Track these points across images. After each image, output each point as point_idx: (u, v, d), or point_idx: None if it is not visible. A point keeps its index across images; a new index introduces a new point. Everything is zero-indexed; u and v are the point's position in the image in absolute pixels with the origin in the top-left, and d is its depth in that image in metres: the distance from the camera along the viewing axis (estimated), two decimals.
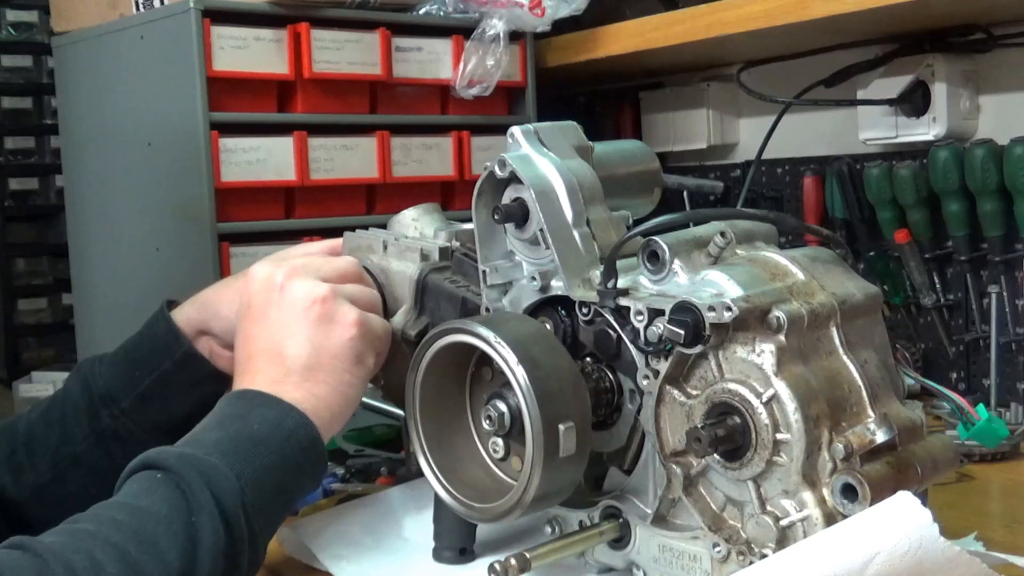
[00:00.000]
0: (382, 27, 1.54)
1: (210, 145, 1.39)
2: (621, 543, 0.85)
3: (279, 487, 0.80)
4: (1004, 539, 0.93)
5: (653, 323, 0.78)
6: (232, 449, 0.78)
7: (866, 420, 0.76)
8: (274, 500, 0.80)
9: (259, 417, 0.81)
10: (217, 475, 0.75)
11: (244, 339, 0.90)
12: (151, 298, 1.04)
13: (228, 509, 0.75)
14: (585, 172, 0.88)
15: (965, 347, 1.48)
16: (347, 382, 0.88)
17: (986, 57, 1.49)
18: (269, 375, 0.86)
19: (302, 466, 0.82)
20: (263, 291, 0.90)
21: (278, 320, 0.89)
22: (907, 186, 1.46)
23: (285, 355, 0.87)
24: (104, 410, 0.98)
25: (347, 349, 0.88)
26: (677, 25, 1.55)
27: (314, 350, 0.87)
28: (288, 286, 0.90)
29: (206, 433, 0.81)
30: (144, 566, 0.69)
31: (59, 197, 2.04)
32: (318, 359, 0.87)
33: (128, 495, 0.75)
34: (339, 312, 0.89)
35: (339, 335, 0.88)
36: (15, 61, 2.35)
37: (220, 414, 0.83)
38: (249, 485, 0.77)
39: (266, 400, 0.83)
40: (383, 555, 0.96)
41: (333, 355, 0.88)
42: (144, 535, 0.71)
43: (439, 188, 1.64)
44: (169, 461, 0.76)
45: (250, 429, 0.80)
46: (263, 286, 0.91)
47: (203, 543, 0.72)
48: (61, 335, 2.25)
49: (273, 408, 0.83)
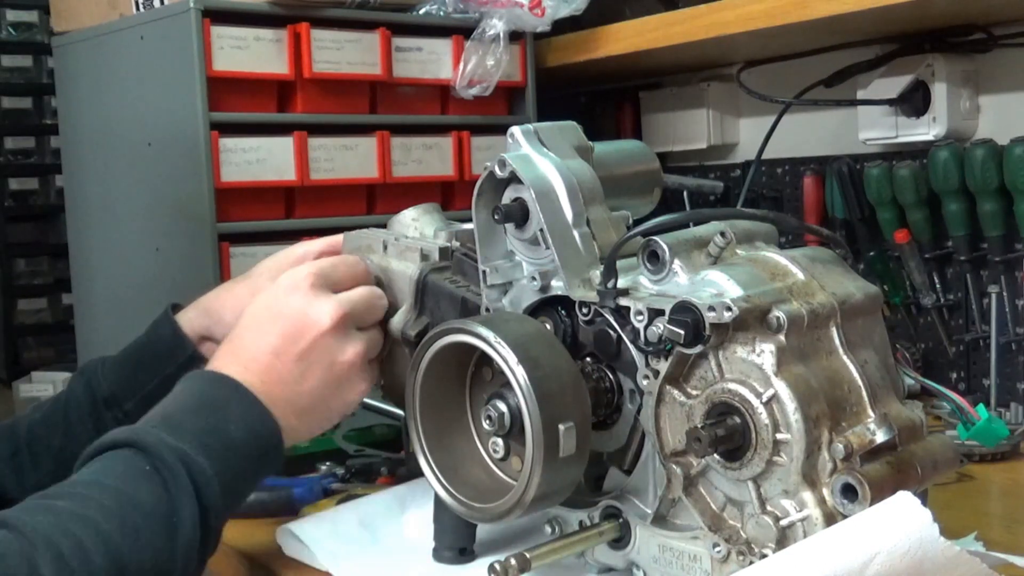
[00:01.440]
0: (382, 27, 1.53)
1: (210, 145, 1.39)
2: (621, 543, 0.85)
3: (246, 490, 0.84)
4: (1004, 539, 0.93)
5: (653, 323, 0.78)
6: (215, 449, 0.79)
7: (866, 420, 0.76)
8: (238, 500, 0.82)
9: (236, 417, 0.82)
10: (203, 477, 0.77)
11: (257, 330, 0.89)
12: (151, 298, 1.05)
13: (209, 511, 0.76)
14: (585, 172, 0.88)
15: (965, 347, 1.48)
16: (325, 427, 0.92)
17: (986, 57, 1.49)
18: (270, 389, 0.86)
19: (264, 471, 0.85)
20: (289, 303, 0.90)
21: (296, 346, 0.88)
22: (907, 186, 1.46)
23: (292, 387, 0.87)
24: (108, 412, 0.98)
25: (350, 406, 0.92)
26: (677, 25, 1.55)
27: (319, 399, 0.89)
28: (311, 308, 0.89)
29: (185, 416, 0.81)
30: (125, 556, 0.70)
31: (59, 197, 2.03)
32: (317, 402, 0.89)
33: (113, 475, 0.76)
34: (356, 376, 0.91)
35: (350, 397, 0.91)
36: (15, 61, 2.35)
37: (201, 396, 0.83)
38: (228, 489, 0.79)
39: (244, 397, 0.84)
40: (383, 555, 0.96)
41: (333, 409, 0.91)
42: (129, 526, 0.72)
43: (439, 188, 1.64)
44: (161, 451, 0.76)
45: (227, 432, 0.81)
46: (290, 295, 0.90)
47: (180, 542, 0.74)
48: (61, 335, 2.25)
49: (250, 408, 0.83)
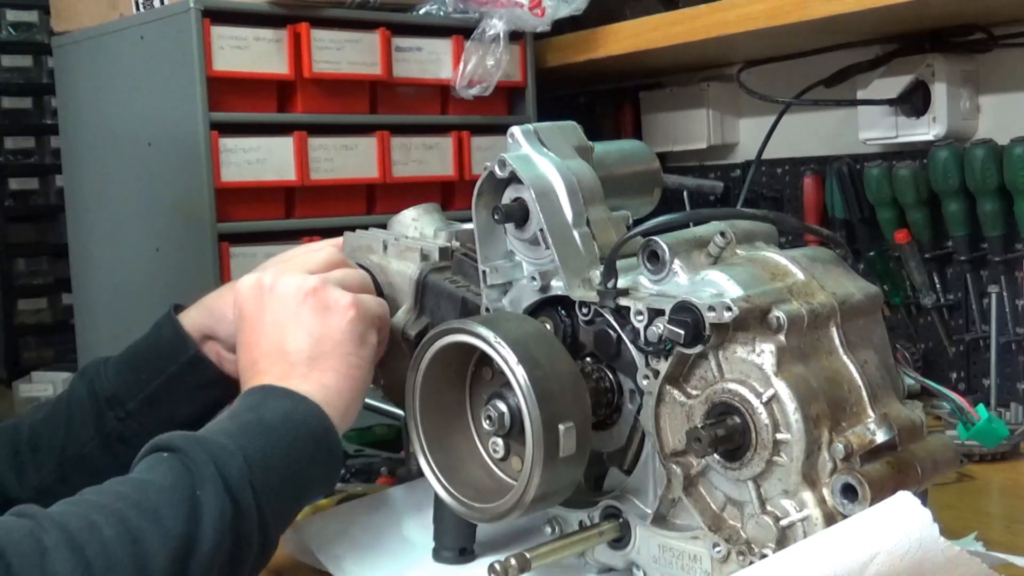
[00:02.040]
0: (382, 27, 1.53)
1: (210, 145, 1.39)
2: (621, 543, 0.85)
3: (290, 471, 0.80)
4: (1004, 539, 0.94)
5: (653, 323, 0.78)
6: (241, 432, 0.78)
7: (866, 420, 0.76)
8: (284, 484, 0.79)
9: (270, 407, 0.82)
10: (223, 452, 0.76)
11: (245, 348, 0.90)
12: (151, 298, 1.05)
13: (234, 485, 0.75)
14: (585, 172, 0.88)
15: (965, 347, 1.48)
16: (354, 364, 0.88)
17: (986, 57, 1.49)
18: (275, 373, 0.86)
19: (313, 455, 0.82)
20: (253, 297, 0.91)
21: (273, 320, 0.89)
22: (907, 186, 1.46)
23: (287, 351, 0.87)
24: (110, 412, 0.98)
25: (347, 332, 0.88)
26: (677, 25, 1.55)
27: (315, 340, 0.87)
28: (276, 285, 0.90)
29: (217, 424, 0.81)
30: (144, 532, 0.70)
31: (59, 197, 2.03)
32: (321, 348, 0.87)
33: (135, 473, 0.76)
34: (332, 298, 0.89)
35: (337, 320, 0.88)
36: (15, 61, 2.35)
37: (232, 410, 0.84)
38: (257, 465, 0.77)
39: (276, 392, 0.84)
40: (383, 555, 0.96)
41: (335, 341, 0.88)
42: (146, 504, 0.71)
43: (439, 188, 1.64)
44: (176, 441, 0.77)
45: (261, 417, 0.81)
46: (252, 292, 0.91)
47: (207, 515, 0.72)
48: (61, 335, 2.25)
49: (285, 399, 0.83)
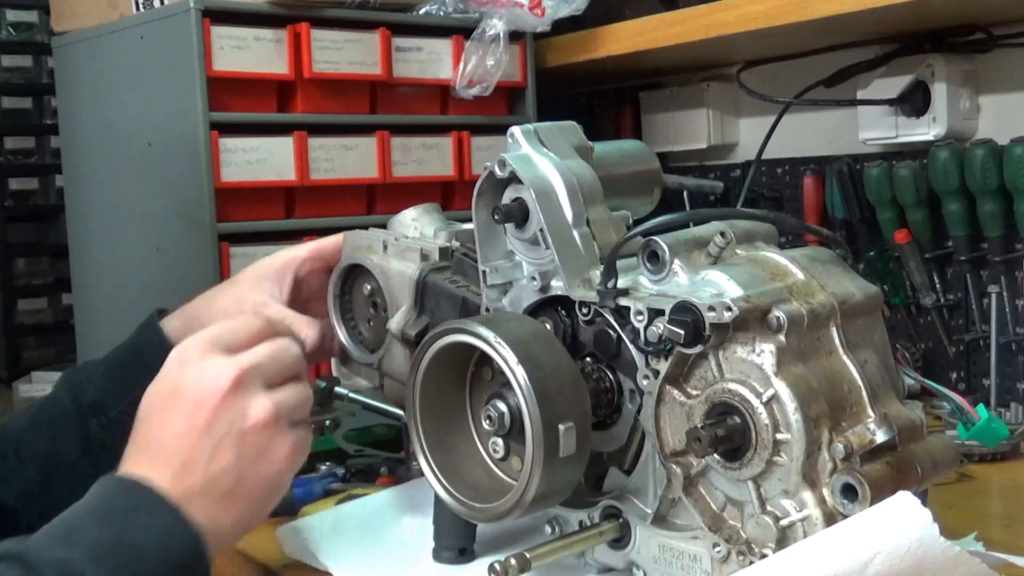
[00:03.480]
0: (382, 27, 1.54)
1: (210, 145, 1.39)
2: (621, 543, 0.85)
3: None
4: (1004, 539, 0.93)
5: (653, 323, 0.78)
6: (111, 561, 0.70)
7: (866, 420, 0.76)
8: None
9: (145, 523, 0.73)
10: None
11: (147, 416, 0.79)
12: (151, 298, 1.04)
13: None
14: (585, 172, 0.88)
15: (965, 347, 1.48)
16: (260, 513, 0.80)
17: (986, 57, 1.49)
18: (165, 474, 0.76)
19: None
20: (172, 375, 0.79)
21: (183, 415, 0.77)
22: (907, 186, 1.46)
23: (190, 461, 0.76)
24: (93, 419, 0.97)
25: (280, 477, 0.79)
26: (677, 25, 1.55)
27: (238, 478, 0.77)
28: (190, 383, 0.78)
29: (86, 528, 0.73)
30: None
31: (59, 197, 2.04)
32: (237, 482, 0.77)
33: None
34: (247, 406, 0.77)
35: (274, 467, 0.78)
36: (15, 61, 2.35)
37: (107, 504, 0.75)
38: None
39: (158, 504, 0.75)
40: (383, 555, 0.96)
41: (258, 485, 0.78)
42: None
43: (439, 188, 1.64)
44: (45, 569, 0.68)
45: (134, 537, 0.72)
46: (173, 371, 0.79)
47: None
48: (61, 335, 2.25)
49: (164, 518, 0.74)
